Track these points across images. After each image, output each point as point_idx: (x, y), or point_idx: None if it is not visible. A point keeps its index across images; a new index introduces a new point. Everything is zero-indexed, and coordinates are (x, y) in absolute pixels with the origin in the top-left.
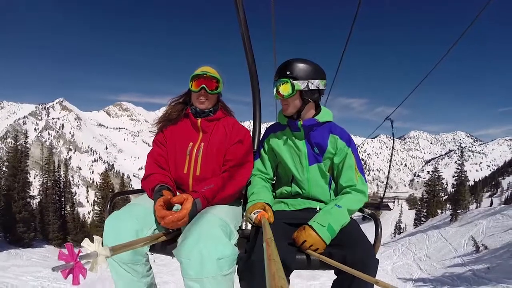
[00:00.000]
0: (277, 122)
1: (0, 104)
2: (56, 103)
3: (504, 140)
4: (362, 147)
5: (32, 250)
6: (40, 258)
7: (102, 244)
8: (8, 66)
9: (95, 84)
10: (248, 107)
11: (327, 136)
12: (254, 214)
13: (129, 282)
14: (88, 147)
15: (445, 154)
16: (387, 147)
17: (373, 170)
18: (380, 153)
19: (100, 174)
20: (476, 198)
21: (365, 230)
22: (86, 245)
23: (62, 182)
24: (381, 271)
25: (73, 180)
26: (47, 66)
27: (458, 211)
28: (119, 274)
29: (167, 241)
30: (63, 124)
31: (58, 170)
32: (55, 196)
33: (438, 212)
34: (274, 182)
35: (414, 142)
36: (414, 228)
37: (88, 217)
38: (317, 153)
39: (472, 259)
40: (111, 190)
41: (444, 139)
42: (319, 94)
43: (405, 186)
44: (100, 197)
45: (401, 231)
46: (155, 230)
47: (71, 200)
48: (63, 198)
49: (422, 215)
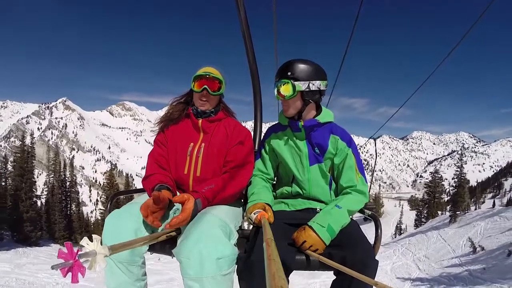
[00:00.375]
0: (278, 122)
1: (4, 103)
2: (59, 103)
3: (507, 141)
4: (364, 148)
5: (39, 249)
6: (47, 257)
7: (102, 243)
8: (12, 66)
9: (98, 84)
10: (249, 107)
11: (327, 136)
12: (254, 214)
13: (121, 283)
14: (91, 147)
15: (448, 155)
16: (389, 147)
17: (375, 171)
18: (383, 153)
19: (103, 174)
20: (476, 199)
21: (365, 231)
22: (85, 244)
23: (68, 182)
24: (380, 270)
25: (76, 180)
26: (50, 66)
27: (457, 212)
28: (113, 274)
29: (167, 240)
30: (66, 124)
31: (64, 170)
32: (61, 195)
33: (438, 213)
34: (274, 182)
35: (416, 143)
36: (415, 229)
37: (91, 216)
38: (317, 153)
39: (469, 260)
40: (116, 190)
41: (447, 139)
42: (320, 95)
43: (407, 186)
44: (105, 196)
45: (401, 232)
46: (154, 229)
47: (76, 199)
48: (69, 198)
49: (423, 216)
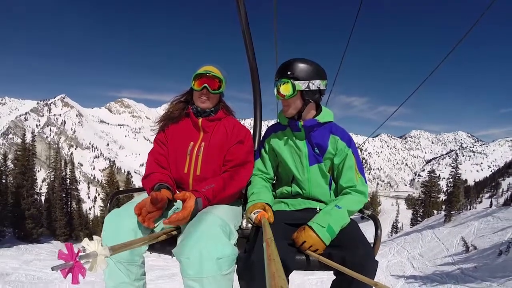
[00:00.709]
0: (277, 122)
1: (2, 100)
2: (58, 100)
3: (505, 141)
4: (363, 146)
5: (40, 246)
6: (49, 254)
7: (102, 244)
8: (10, 62)
9: (97, 81)
10: (248, 104)
11: (327, 136)
12: (254, 214)
13: (120, 283)
14: (90, 144)
15: (446, 154)
16: (388, 146)
17: (373, 169)
18: (381, 152)
19: (102, 171)
20: (470, 199)
21: (363, 229)
22: (85, 244)
23: (68, 179)
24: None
25: (72, 175)
26: (48, 63)
27: (452, 212)
28: (111, 273)
29: (167, 240)
30: (64, 121)
31: (65, 168)
32: (61, 193)
33: (434, 212)
34: (274, 182)
35: (415, 142)
36: (411, 227)
37: (90, 213)
38: (317, 153)
39: (462, 259)
40: (116, 188)
41: (445, 139)
42: (320, 94)
43: (405, 185)
44: (104, 194)
45: (397, 231)
46: (154, 229)
47: (77, 197)
48: (69, 196)
49: (419, 215)
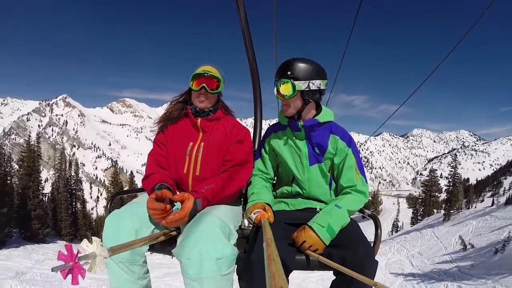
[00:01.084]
0: (278, 121)
1: (4, 100)
2: (60, 100)
3: (507, 139)
4: (365, 145)
5: (47, 246)
6: (56, 253)
7: (101, 245)
8: (12, 63)
9: (98, 80)
10: (248, 104)
11: (327, 136)
12: (254, 214)
13: (123, 282)
14: (92, 144)
15: (448, 153)
16: (389, 144)
17: (375, 168)
18: (383, 151)
19: (104, 170)
20: (469, 199)
21: (363, 228)
22: (84, 246)
23: (73, 180)
24: None
25: (77, 176)
26: (50, 63)
27: (451, 211)
28: (114, 273)
29: (166, 240)
30: (66, 121)
31: (70, 169)
32: (66, 193)
33: (434, 211)
34: (274, 182)
35: (417, 140)
36: (411, 226)
37: (92, 213)
38: (317, 153)
39: (459, 257)
40: (120, 188)
41: (447, 137)
42: (320, 94)
43: (407, 184)
44: (109, 194)
45: (398, 229)
46: (154, 229)
47: (81, 197)
48: (74, 196)
49: (419, 214)
